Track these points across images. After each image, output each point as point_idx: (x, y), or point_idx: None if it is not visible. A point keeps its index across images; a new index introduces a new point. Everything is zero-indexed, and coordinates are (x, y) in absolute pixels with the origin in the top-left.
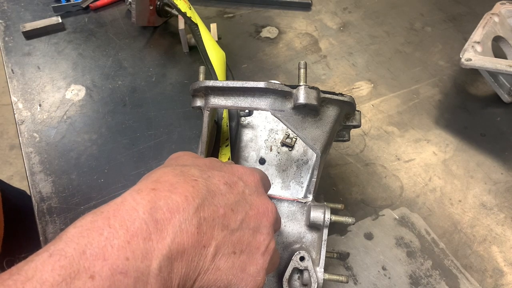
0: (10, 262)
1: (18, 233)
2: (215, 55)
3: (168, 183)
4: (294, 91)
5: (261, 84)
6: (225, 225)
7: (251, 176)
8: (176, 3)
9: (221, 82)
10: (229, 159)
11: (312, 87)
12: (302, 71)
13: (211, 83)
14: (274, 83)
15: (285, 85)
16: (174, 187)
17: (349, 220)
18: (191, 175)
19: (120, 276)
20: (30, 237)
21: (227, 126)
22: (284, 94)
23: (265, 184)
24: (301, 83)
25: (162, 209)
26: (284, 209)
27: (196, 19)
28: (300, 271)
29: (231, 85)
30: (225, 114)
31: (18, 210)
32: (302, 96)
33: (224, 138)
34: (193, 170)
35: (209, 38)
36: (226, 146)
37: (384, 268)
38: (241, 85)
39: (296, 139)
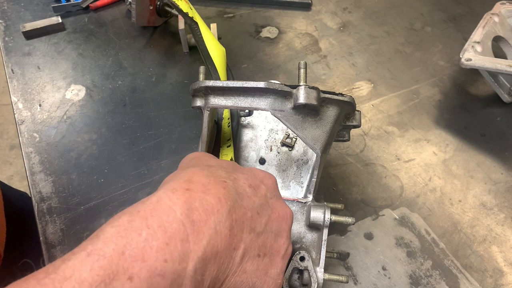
0: (26, 264)
1: (20, 236)
2: (216, 53)
3: (200, 183)
4: (294, 91)
5: (261, 84)
6: (252, 228)
7: (270, 180)
8: (178, 3)
9: (221, 82)
10: (231, 159)
11: (312, 87)
12: (302, 71)
13: (211, 83)
14: (274, 83)
15: (285, 85)
16: (207, 188)
17: (349, 220)
18: (219, 176)
19: (158, 278)
20: (32, 240)
21: (228, 126)
22: (284, 94)
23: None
24: (301, 83)
25: (198, 210)
26: None
27: (197, 18)
28: (300, 271)
29: (231, 85)
30: (226, 114)
31: (20, 213)
32: (302, 96)
33: (225, 138)
34: (220, 171)
35: (210, 37)
36: (228, 146)
37: (384, 268)
38: (241, 85)
39: (296, 139)
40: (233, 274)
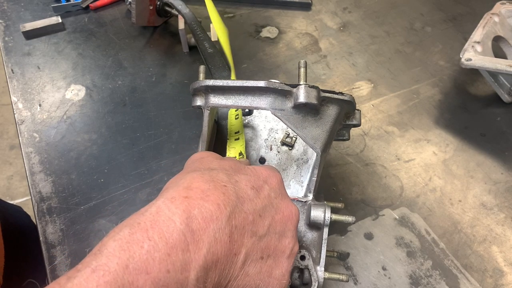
0: (31, 284)
1: (18, 256)
2: (221, 29)
3: (199, 190)
4: (294, 90)
5: (261, 83)
6: (254, 232)
7: (275, 178)
8: None
9: (221, 81)
10: (240, 153)
11: (312, 86)
12: (302, 70)
13: (211, 82)
14: (274, 82)
15: (285, 84)
16: (206, 195)
17: (349, 219)
18: (220, 181)
19: None
20: (30, 258)
21: (236, 118)
22: (284, 93)
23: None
24: (301, 82)
25: (197, 218)
26: None
27: None
28: (301, 270)
29: (231, 84)
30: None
31: (17, 231)
32: (302, 95)
33: (232, 131)
34: (221, 174)
35: (215, 12)
36: (236, 140)
37: (384, 268)
38: (241, 84)
39: (296, 138)
40: (235, 278)
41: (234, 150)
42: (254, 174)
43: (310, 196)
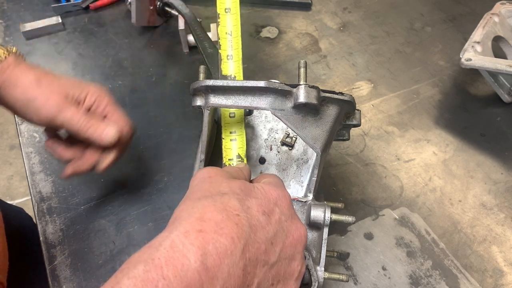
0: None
1: (21, 258)
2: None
3: (213, 222)
4: (294, 90)
5: (261, 83)
6: (266, 261)
7: (284, 199)
8: None
9: (221, 81)
10: (239, 157)
11: (312, 86)
12: (302, 70)
13: (211, 82)
14: (274, 82)
15: (285, 84)
16: (220, 228)
17: (349, 219)
18: (232, 209)
19: None
20: (34, 259)
21: (230, 117)
22: (284, 93)
23: None
24: (301, 82)
25: (212, 255)
26: None
27: None
28: None
29: (232, 84)
30: None
31: (19, 232)
32: (302, 95)
33: (227, 130)
34: (233, 201)
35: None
36: (232, 140)
37: (384, 268)
38: (241, 85)
39: (296, 138)
40: None
41: (229, 151)
42: (265, 196)
43: (310, 196)
